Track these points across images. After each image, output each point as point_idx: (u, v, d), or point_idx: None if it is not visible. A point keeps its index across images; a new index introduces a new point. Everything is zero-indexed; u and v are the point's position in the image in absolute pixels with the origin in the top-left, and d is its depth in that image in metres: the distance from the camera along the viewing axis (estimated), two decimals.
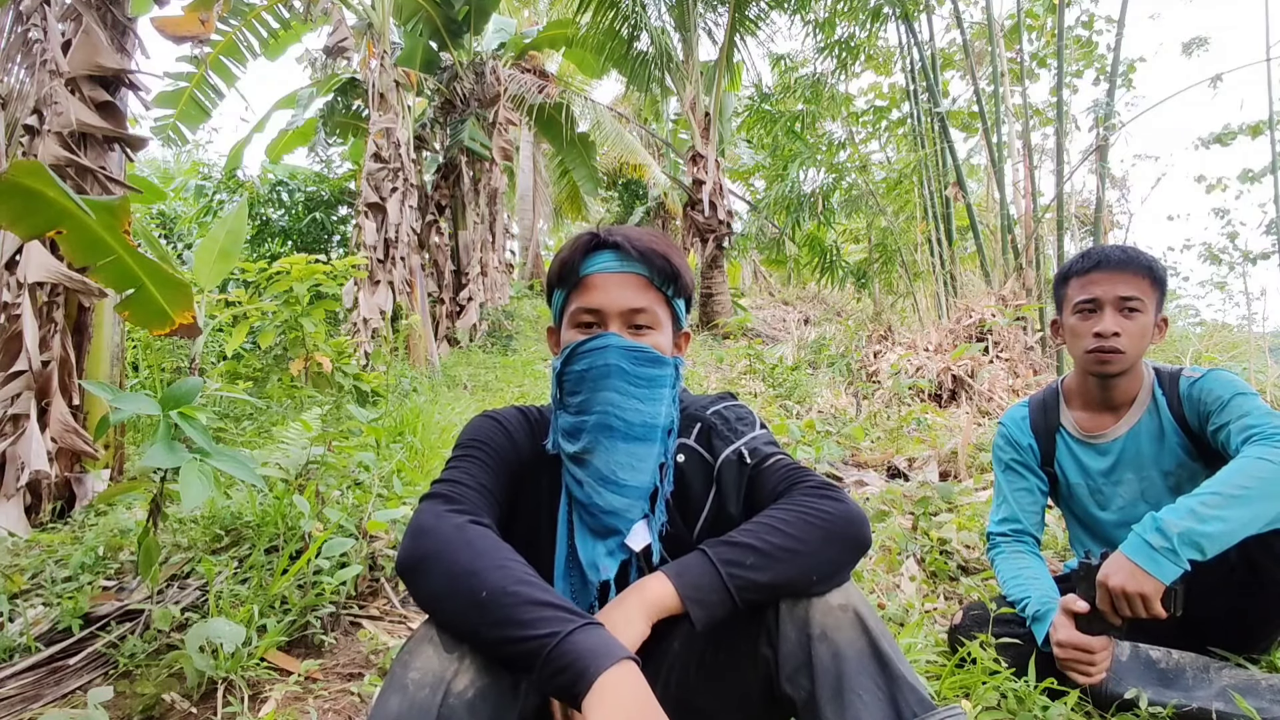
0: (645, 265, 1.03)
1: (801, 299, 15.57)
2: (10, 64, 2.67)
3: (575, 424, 1.04)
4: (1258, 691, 1.32)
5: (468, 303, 9.55)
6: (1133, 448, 1.58)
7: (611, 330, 1.02)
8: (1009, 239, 6.97)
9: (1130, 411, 1.59)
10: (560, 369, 1.05)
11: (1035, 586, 1.51)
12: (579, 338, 1.03)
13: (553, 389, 1.08)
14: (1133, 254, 1.53)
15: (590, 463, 1.02)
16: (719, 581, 0.86)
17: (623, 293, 1.02)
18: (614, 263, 1.03)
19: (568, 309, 1.07)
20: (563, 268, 1.06)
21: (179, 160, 12.42)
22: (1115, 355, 1.51)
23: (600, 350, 1.01)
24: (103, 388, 1.64)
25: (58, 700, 1.45)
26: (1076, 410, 1.67)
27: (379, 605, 2.00)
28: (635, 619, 0.85)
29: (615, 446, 1.01)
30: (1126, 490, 1.59)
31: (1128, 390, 1.58)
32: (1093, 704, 1.38)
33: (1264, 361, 6.21)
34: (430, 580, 0.85)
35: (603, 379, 1.01)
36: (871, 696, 0.83)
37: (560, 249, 1.10)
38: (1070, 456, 1.66)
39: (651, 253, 1.03)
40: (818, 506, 0.94)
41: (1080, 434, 1.65)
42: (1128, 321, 1.50)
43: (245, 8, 7.15)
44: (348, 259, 4.88)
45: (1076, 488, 1.66)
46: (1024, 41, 7.85)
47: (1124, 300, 1.50)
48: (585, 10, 9.32)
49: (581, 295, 1.04)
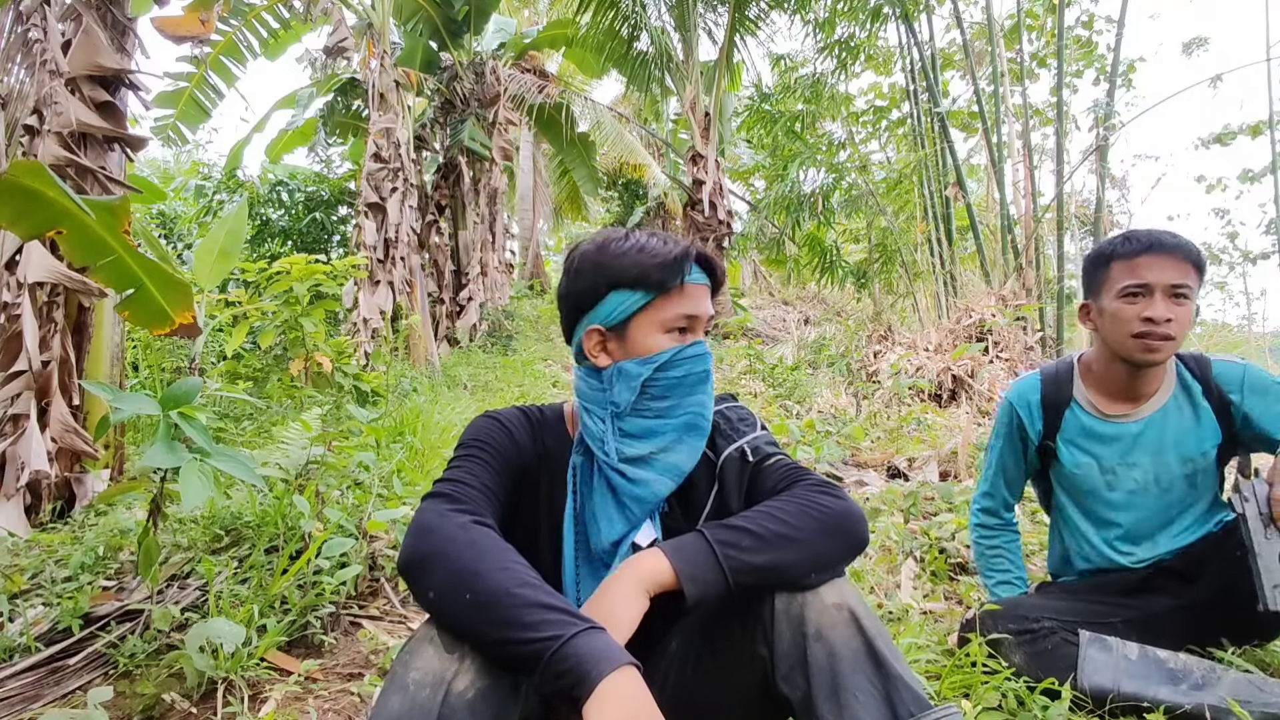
0: (711, 277, 1.10)
1: (801, 299, 15.56)
2: (10, 64, 2.67)
3: (651, 426, 1.05)
4: (1267, 692, 1.32)
5: (468, 303, 9.55)
6: (1155, 431, 1.55)
7: (699, 338, 1.08)
8: (1009, 239, 6.97)
9: (1155, 397, 1.56)
10: (652, 374, 1.04)
11: (1006, 579, 1.73)
12: (670, 344, 1.05)
13: (622, 394, 1.05)
14: (1183, 239, 1.47)
15: (660, 460, 1.04)
16: (713, 560, 0.88)
17: (705, 303, 1.09)
18: (699, 275, 1.08)
19: (651, 313, 1.04)
20: (658, 272, 1.03)
21: (179, 160, 12.42)
22: (1166, 342, 1.46)
23: (700, 357, 1.07)
24: (103, 388, 1.64)
25: (58, 700, 1.45)
26: (1093, 390, 1.62)
27: (379, 605, 2.00)
28: (634, 595, 0.87)
29: (696, 445, 1.06)
30: (1139, 474, 1.56)
31: (1155, 378, 1.55)
32: (1092, 704, 1.38)
33: (1264, 361, 6.21)
34: (432, 580, 0.85)
35: (700, 384, 1.07)
36: (867, 696, 0.83)
37: (632, 251, 1.04)
38: (1081, 432, 1.62)
39: (716, 266, 1.11)
40: (816, 500, 0.95)
41: (1097, 412, 1.60)
42: (1178, 308, 1.45)
43: (245, 8, 7.15)
44: (348, 259, 4.87)
45: (1084, 466, 1.61)
46: (1024, 41, 7.86)
47: (1175, 287, 1.45)
48: (585, 10, 9.31)
49: (680, 303, 1.05)
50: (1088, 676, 1.38)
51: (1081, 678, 1.38)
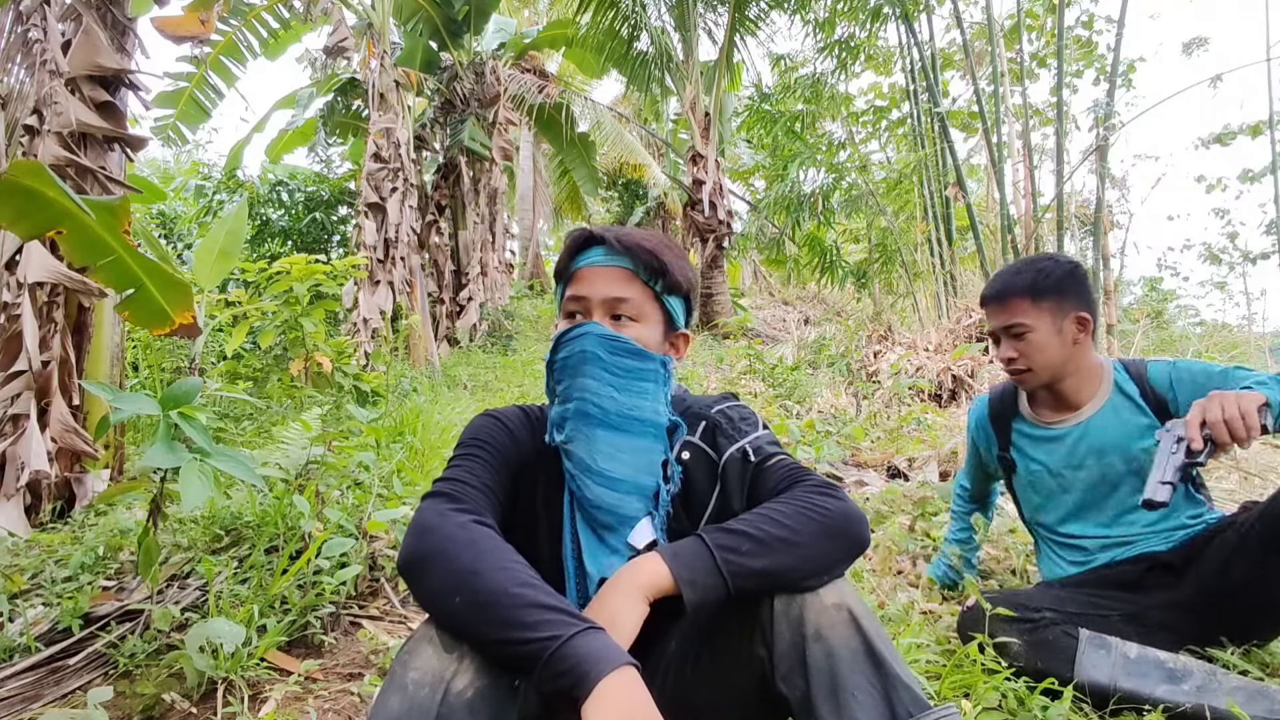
0: (630, 259, 1.05)
1: (801, 299, 15.56)
2: (10, 64, 2.67)
3: (561, 413, 1.06)
4: (1266, 695, 1.32)
5: (468, 303, 9.55)
6: (1095, 434, 1.66)
7: (594, 320, 1.05)
8: (1009, 239, 6.97)
9: (1090, 404, 1.68)
10: (549, 358, 1.08)
11: (960, 537, 2.01)
12: (566, 327, 1.07)
13: (548, 381, 1.10)
14: (1006, 284, 1.66)
15: (574, 452, 1.04)
16: (713, 564, 0.87)
17: (606, 284, 1.05)
18: (601, 256, 1.07)
19: (562, 300, 1.11)
20: (559, 265, 1.12)
21: (179, 160, 12.43)
22: (1024, 374, 1.67)
23: (579, 338, 1.04)
24: (103, 388, 1.64)
25: (58, 700, 1.45)
26: (1032, 403, 1.78)
27: (379, 605, 2.00)
28: (634, 601, 0.87)
29: (594, 434, 1.03)
30: (1087, 475, 1.67)
31: (1077, 392, 1.68)
32: (1092, 704, 1.38)
33: (1264, 361, 6.22)
34: (432, 579, 0.85)
35: (580, 365, 1.03)
36: (866, 696, 0.83)
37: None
38: (1029, 442, 1.77)
39: (638, 248, 1.05)
40: (817, 502, 0.95)
41: (1038, 422, 1.75)
42: (1021, 344, 1.64)
43: (245, 8, 7.15)
44: (348, 259, 4.87)
45: (1037, 473, 1.75)
46: (1024, 41, 7.86)
47: (1008, 329, 1.65)
48: (585, 10, 9.32)
49: (570, 287, 1.08)
50: (1085, 672, 1.39)
51: (1079, 673, 1.39)
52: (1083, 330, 1.63)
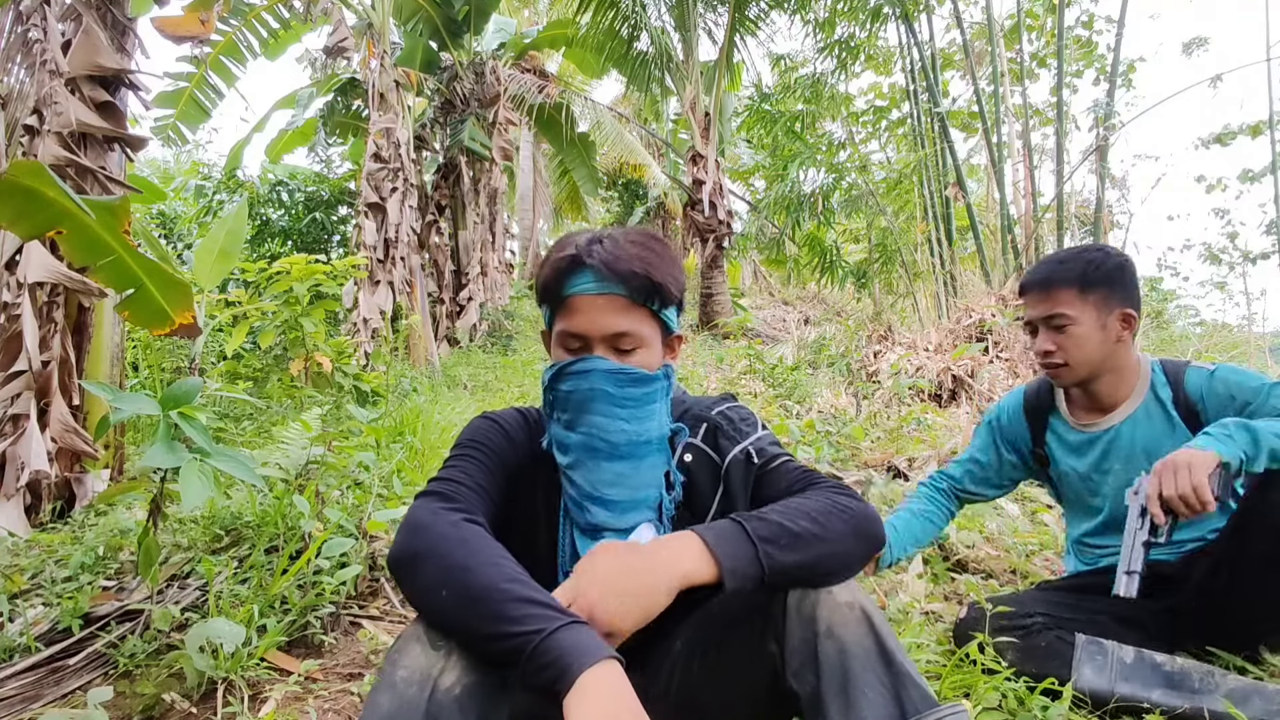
0: (623, 285, 1.00)
1: (801, 299, 15.56)
2: (10, 64, 2.67)
3: (563, 439, 1.05)
4: (1264, 697, 1.32)
5: (468, 303, 9.55)
6: (1125, 438, 1.60)
7: (596, 354, 1.02)
8: (1009, 239, 6.97)
9: (1124, 406, 1.61)
10: (548, 384, 1.06)
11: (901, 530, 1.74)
12: (567, 358, 1.04)
13: (544, 396, 1.08)
14: (1053, 272, 1.57)
15: (576, 479, 1.03)
16: (754, 555, 0.86)
17: (604, 317, 1.01)
18: (592, 284, 1.00)
19: (554, 327, 1.06)
20: (545, 287, 1.06)
21: (179, 160, 12.43)
22: (1060, 369, 1.58)
23: (585, 374, 1.01)
24: (103, 388, 1.64)
25: (58, 700, 1.45)
26: (1067, 401, 1.70)
27: (379, 605, 2.00)
28: (664, 591, 0.84)
29: (600, 466, 1.02)
30: (1114, 480, 1.61)
31: (1113, 393, 1.61)
32: (1092, 705, 1.38)
33: (1264, 361, 6.22)
34: (423, 575, 0.85)
35: (588, 403, 1.01)
36: (876, 693, 0.83)
37: (544, 261, 1.07)
38: (1060, 442, 1.71)
39: (630, 273, 0.99)
40: (840, 501, 0.95)
41: (1072, 421, 1.68)
42: (1061, 336, 1.55)
43: (245, 8, 7.15)
44: (348, 259, 4.88)
45: (1068, 473, 1.69)
46: (1024, 41, 7.86)
47: (1049, 320, 1.56)
48: (585, 10, 9.31)
49: (565, 318, 1.03)
50: (1084, 680, 1.38)
51: (1076, 678, 1.38)
52: (1127, 328, 1.55)
